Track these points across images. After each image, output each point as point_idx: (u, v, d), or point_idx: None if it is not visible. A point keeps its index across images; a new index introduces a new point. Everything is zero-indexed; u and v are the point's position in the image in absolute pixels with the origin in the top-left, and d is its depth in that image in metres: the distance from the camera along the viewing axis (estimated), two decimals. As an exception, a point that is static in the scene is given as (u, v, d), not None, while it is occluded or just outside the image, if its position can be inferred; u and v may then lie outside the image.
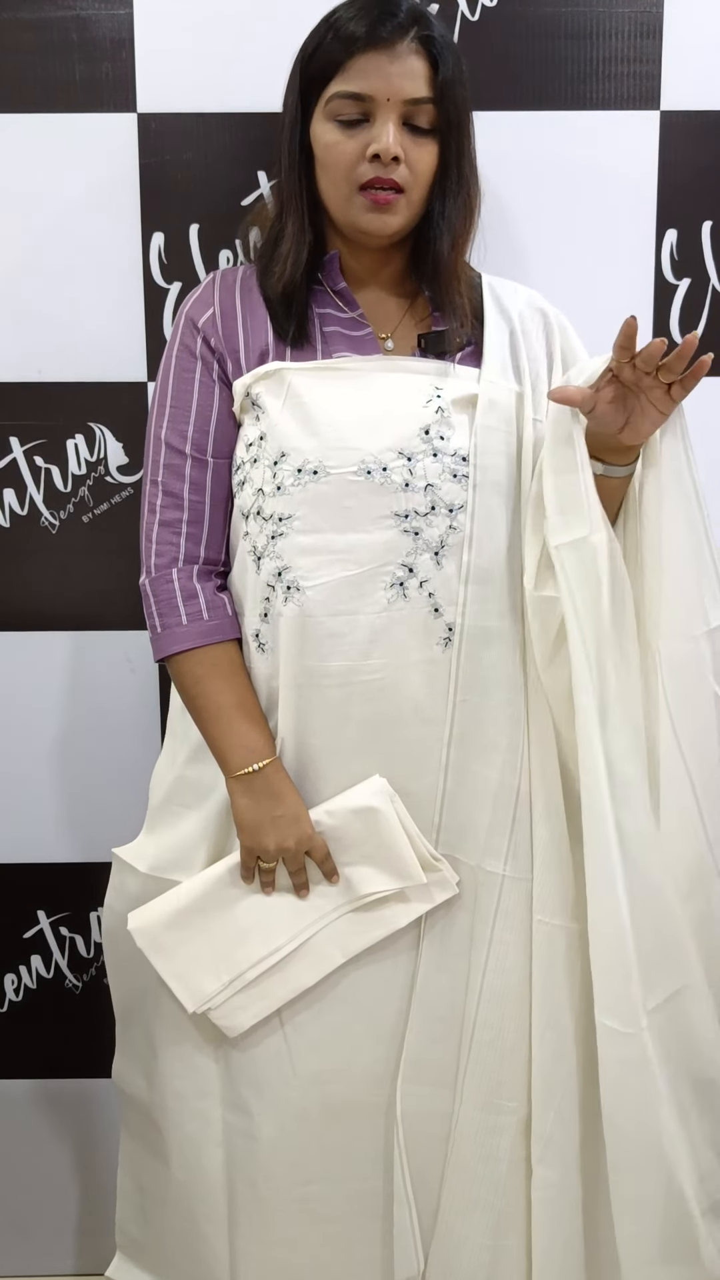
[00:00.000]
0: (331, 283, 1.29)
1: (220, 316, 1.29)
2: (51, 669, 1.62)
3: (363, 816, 1.25)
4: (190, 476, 1.29)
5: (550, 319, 1.34)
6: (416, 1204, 1.33)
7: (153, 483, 1.30)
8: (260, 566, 1.26)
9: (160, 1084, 1.36)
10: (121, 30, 1.48)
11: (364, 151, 1.19)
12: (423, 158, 1.21)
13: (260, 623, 1.27)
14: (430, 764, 1.26)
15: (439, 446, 1.23)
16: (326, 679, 1.24)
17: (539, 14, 1.48)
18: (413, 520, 1.23)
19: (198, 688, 1.27)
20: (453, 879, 1.28)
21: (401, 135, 1.19)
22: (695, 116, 1.50)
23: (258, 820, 1.25)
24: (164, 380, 1.31)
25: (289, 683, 1.26)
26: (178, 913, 1.27)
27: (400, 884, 1.25)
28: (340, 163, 1.21)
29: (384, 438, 1.23)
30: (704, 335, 1.55)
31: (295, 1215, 1.32)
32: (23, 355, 1.55)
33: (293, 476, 1.23)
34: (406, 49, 1.18)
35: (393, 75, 1.18)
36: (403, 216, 1.23)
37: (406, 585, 1.23)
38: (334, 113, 1.21)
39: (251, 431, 1.27)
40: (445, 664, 1.25)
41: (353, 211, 1.23)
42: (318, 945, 1.27)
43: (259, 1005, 1.27)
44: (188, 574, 1.29)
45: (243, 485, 1.28)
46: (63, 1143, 1.73)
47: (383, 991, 1.30)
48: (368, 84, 1.18)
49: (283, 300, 1.27)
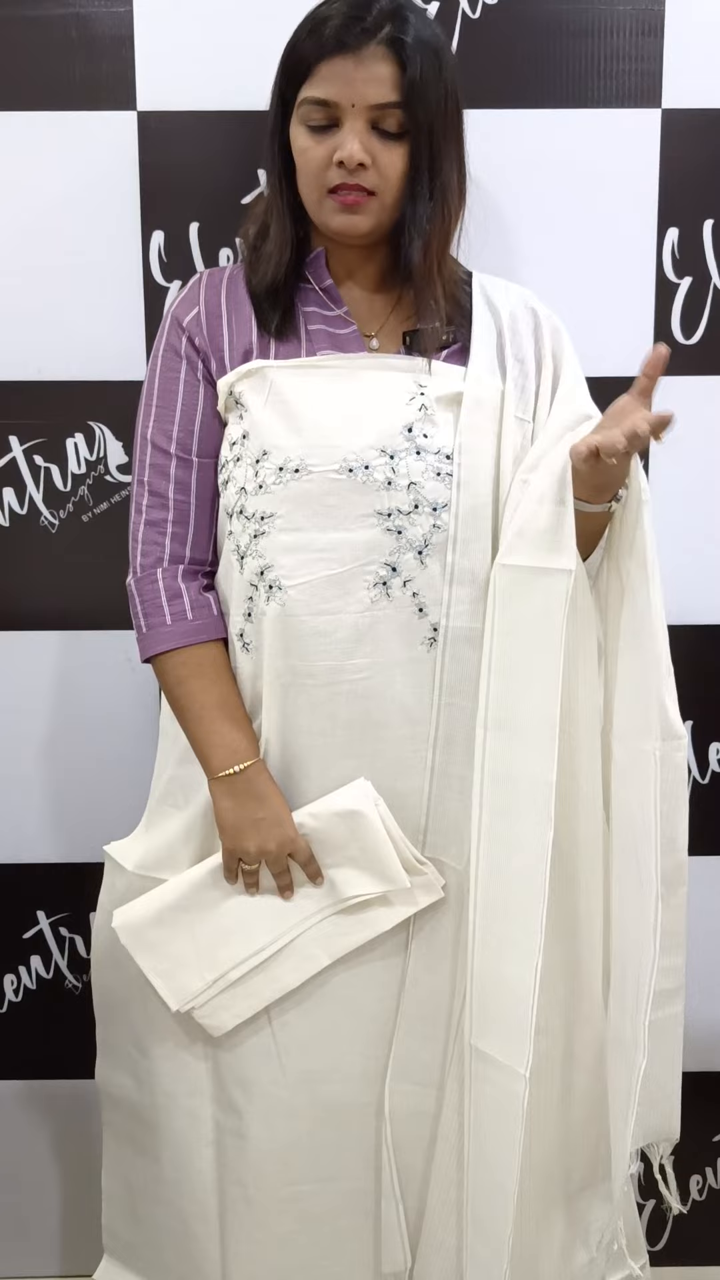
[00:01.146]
0: (318, 280, 1.29)
1: (205, 315, 1.29)
2: (51, 668, 1.62)
3: (346, 820, 1.24)
4: (175, 476, 1.29)
5: (542, 319, 1.32)
6: (404, 1202, 1.33)
7: (139, 483, 1.30)
8: (243, 565, 1.26)
9: (150, 1083, 1.35)
10: (121, 28, 1.48)
11: (331, 156, 1.19)
12: (393, 161, 1.19)
13: (244, 622, 1.27)
14: (416, 765, 1.26)
15: (422, 444, 1.23)
16: (311, 679, 1.24)
17: (540, 12, 1.47)
18: (395, 519, 1.22)
19: (181, 688, 1.27)
20: (438, 882, 1.27)
21: (370, 139, 1.18)
22: (697, 114, 1.50)
23: (239, 822, 1.24)
24: (150, 380, 1.31)
25: (273, 682, 1.25)
26: (162, 911, 1.27)
27: (384, 887, 1.25)
28: (309, 168, 1.21)
29: (366, 435, 1.22)
30: (705, 333, 1.55)
31: (286, 1214, 1.32)
32: (22, 354, 1.55)
33: (275, 475, 1.22)
34: (372, 53, 1.16)
35: (356, 81, 1.16)
36: (373, 218, 1.22)
37: (390, 584, 1.23)
38: (304, 118, 1.20)
39: (235, 430, 1.27)
40: (430, 664, 1.24)
41: (324, 214, 1.23)
42: (302, 946, 1.27)
43: (243, 1005, 1.27)
44: (173, 574, 1.29)
45: (226, 484, 1.28)
46: (65, 1144, 1.73)
47: (373, 991, 1.30)
48: (333, 90, 1.17)
49: (268, 297, 1.27)
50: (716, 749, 1.66)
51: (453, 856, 1.27)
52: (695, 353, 1.55)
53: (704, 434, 1.57)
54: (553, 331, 1.33)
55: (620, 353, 1.52)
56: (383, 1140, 1.31)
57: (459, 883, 1.27)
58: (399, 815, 1.25)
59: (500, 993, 1.21)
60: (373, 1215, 1.34)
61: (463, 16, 1.47)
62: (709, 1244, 1.75)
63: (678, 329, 1.55)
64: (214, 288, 1.31)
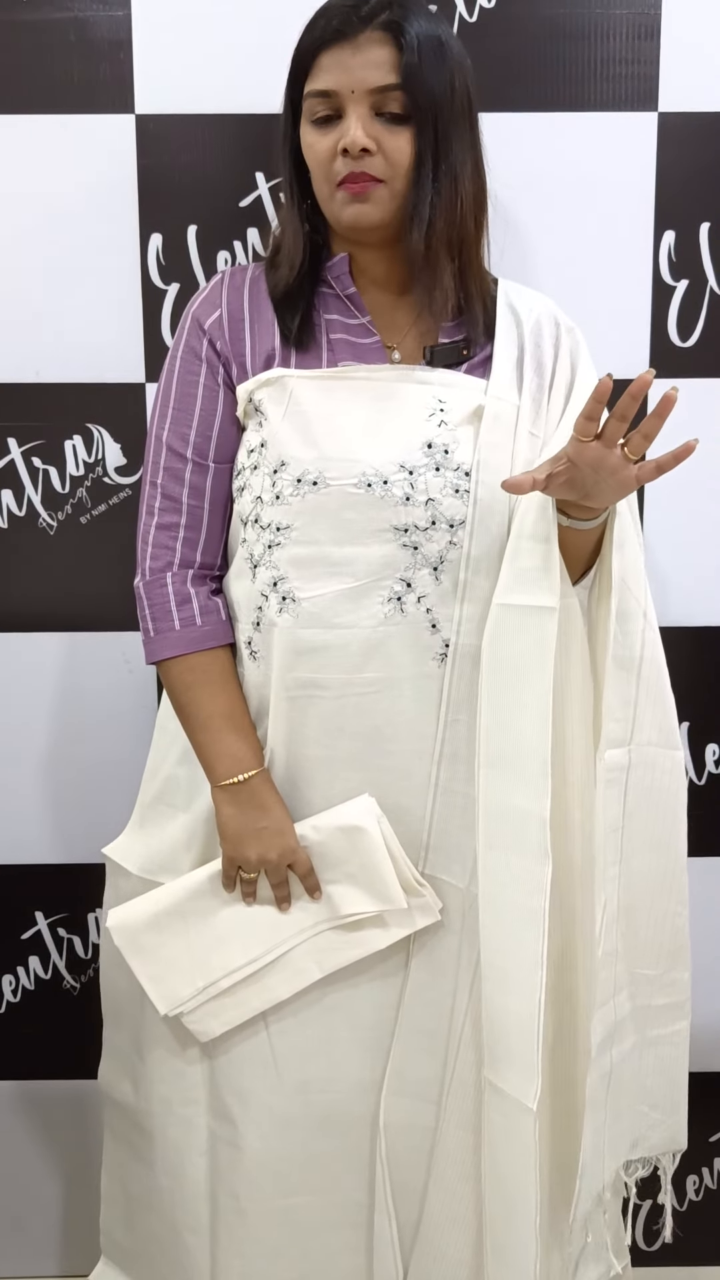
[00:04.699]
0: (341, 287, 1.27)
1: (227, 319, 1.27)
2: (49, 670, 1.62)
3: (349, 835, 1.23)
4: (190, 481, 1.28)
5: (563, 332, 1.30)
6: (398, 1215, 1.32)
7: (151, 484, 1.29)
8: (255, 575, 1.25)
9: (146, 1089, 1.35)
10: (120, 31, 1.48)
11: (337, 147, 1.18)
12: (399, 146, 1.17)
13: (253, 630, 1.26)
14: (420, 780, 1.25)
15: (441, 460, 1.21)
16: (320, 691, 1.23)
17: (537, 15, 1.48)
18: (412, 535, 1.21)
19: (187, 694, 1.27)
20: (436, 905, 1.26)
21: (375, 125, 1.17)
22: (693, 118, 1.50)
23: (240, 831, 1.24)
24: (168, 381, 1.29)
25: (280, 693, 1.25)
26: (157, 915, 1.26)
27: (380, 906, 1.24)
28: (317, 162, 1.20)
29: (386, 450, 1.21)
30: (702, 336, 1.55)
31: (278, 1226, 1.31)
32: (20, 356, 1.55)
33: (292, 486, 1.21)
34: (369, 38, 1.15)
35: (354, 67, 1.16)
36: (384, 207, 1.20)
37: (404, 600, 1.22)
38: (310, 113, 1.20)
39: (253, 438, 1.26)
40: (439, 680, 1.24)
41: (335, 207, 1.21)
42: (295, 959, 1.26)
43: (232, 1013, 1.27)
44: (182, 578, 1.28)
45: (242, 491, 1.27)
46: (62, 1144, 1.73)
47: (371, 1004, 1.29)
48: (332, 79, 1.17)
49: (285, 302, 1.26)
50: (713, 750, 1.66)
51: (454, 875, 1.27)
52: (691, 355, 1.56)
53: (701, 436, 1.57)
54: (572, 345, 1.30)
55: (617, 356, 1.52)
56: (377, 1152, 1.31)
57: (461, 901, 1.27)
58: (401, 830, 1.25)
59: (505, 1025, 1.20)
60: (365, 1228, 1.33)
61: (459, 20, 1.48)
62: (705, 1244, 1.75)
63: (674, 332, 1.55)
64: (236, 289, 1.29)
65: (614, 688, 1.21)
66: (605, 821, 1.21)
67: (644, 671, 1.24)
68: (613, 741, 1.22)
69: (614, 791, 1.23)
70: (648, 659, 1.24)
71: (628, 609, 1.22)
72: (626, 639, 1.23)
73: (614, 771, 1.22)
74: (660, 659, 1.26)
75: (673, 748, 1.27)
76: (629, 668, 1.23)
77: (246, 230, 1.52)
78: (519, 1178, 1.20)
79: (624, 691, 1.23)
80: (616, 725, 1.23)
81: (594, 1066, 1.21)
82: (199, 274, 1.53)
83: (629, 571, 1.22)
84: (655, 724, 1.25)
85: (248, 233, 1.52)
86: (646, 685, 1.24)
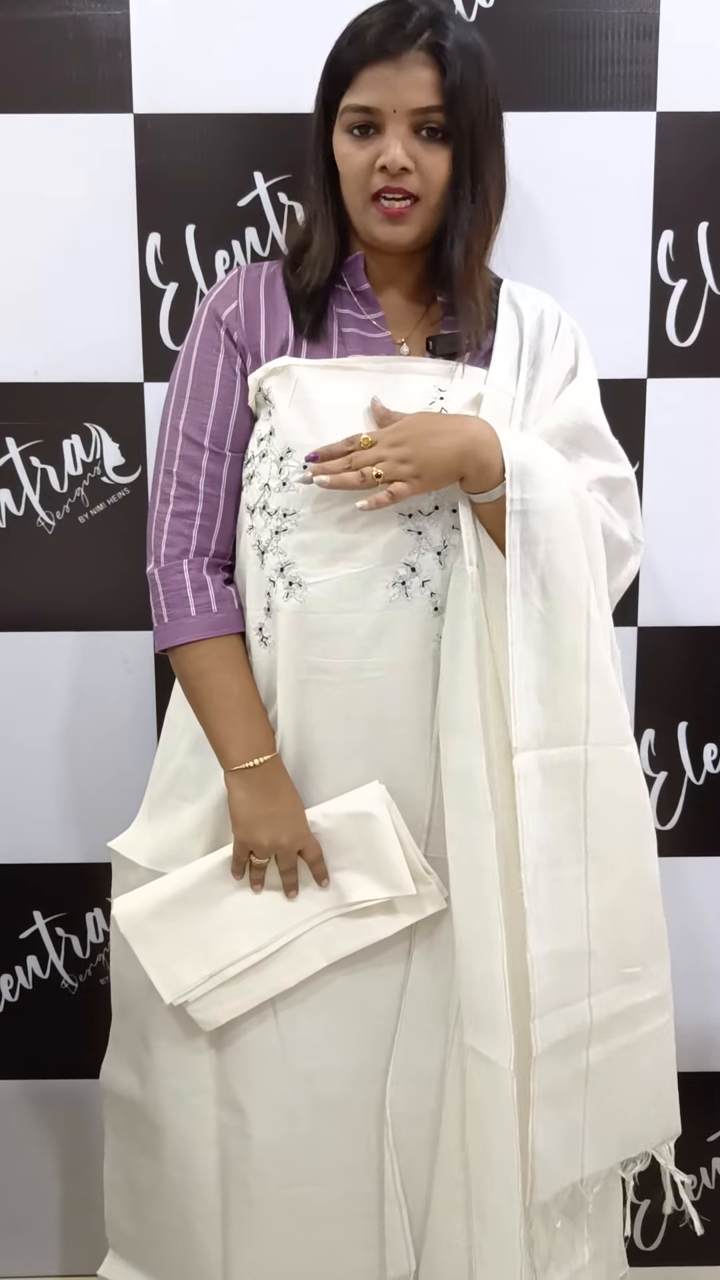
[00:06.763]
0: (354, 284, 1.30)
1: (244, 310, 1.30)
2: (47, 669, 1.62)
3: (359, 822, 1.24)
4: (206, 469, 1.29)
5: (564, 326, 1.34)
6: (408, 1204, 1.33)
7: (167, 473, 1.30)
8: (263, 560, 1.26)
9: (154, 1081, 1.36)
10: (118, 31, 1.48)
11: (374, 162, 1.20)
12: (436, 165, 1.20)
13: (263, 616, 1.28)
14: (422, 763, 1.27)
15: None
16: (329, 676, 1.24)
17: (535, 15, 1.48)
18: (416, 520, 1.23)
19: (202, 680, 1.27)
20: (443, 893, 1.28)
21: (413, 143, 1.20)
22: (691, 118, 1.50)
23: (253, 815, 1.25)
24: (184, 371, 1.31)
25: (289, 678, 1.26)
26: (163, 903, 1.27)
27: (390, 893, 1.25)
28: (353, 173, 1.22)
29: None
30: (700, 336, 1.56)
31: (288, 1216, 1.32)
32: (19, 355, 1.55)
33: (298, 472, 1.23)
34: (413, 59, 1.17)
35: (399, 87, 1.18)
36: (417, 227, 1.23)
37: (409, 584, 1.24)
38: (347, 124, 1.21)
39: (263, 427, 1.28)
40: (439, 662, 1.25)
41: (368, 222, 1.24)
42: (300, 947, 1.27)
43: (237, 1002, 1.27)
44: (198, 565, 1.29)
45: (251, 479, 1.28)
46: (62, 1144, 1.73)
47: (376, 992, 1.30)
48: (375, 96, 1.19)
49: (306, 300, 1.28)
50: (712, 750, 1.66)
51: None
52: (690, 355, 1.56)
53: (699, 436, 1.58)
54: (574, 339, 1.34)
55: (615, 355, 1.53)
56: (384, 1141, 1.32)
57: None
58: (406, 813, 1.26)
59: (477, 988, 1.22)
60: (375, 1218, 1.34)
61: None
62: (703, 1244, 1.75)
63: (672, 331, 1.55)
64: (253, 283, 1.31)
65: (519, 666, 1.19)
66: (556, 819, 1.21)
67: (592, 668, 1.22)
68: (536, 732, 1.20)
69: (561, 791, 1.21)
70: (594, 655, 1.21)
71: (540, 583, 1.20)
72: (528, 609, 1.19)
73: (558, 769, 1.21)
74: (604, 654, 1.23)
75: (623, 744, 1.25)
76: (543, 652, 1.21)
77: (245, 230, 1.52)
78: (500, 1139, 1.21)
79: (552, 678, 1.21)
80: (534, 712, 1.20)
81: (561, 1063, 1.22)
82: (197, 273, 1.53)
83: (552, 556, 1.20)
84: (606, 722, 1.23)
85: (246, 232, 1.52)
86: (597, 683, 1.22)
